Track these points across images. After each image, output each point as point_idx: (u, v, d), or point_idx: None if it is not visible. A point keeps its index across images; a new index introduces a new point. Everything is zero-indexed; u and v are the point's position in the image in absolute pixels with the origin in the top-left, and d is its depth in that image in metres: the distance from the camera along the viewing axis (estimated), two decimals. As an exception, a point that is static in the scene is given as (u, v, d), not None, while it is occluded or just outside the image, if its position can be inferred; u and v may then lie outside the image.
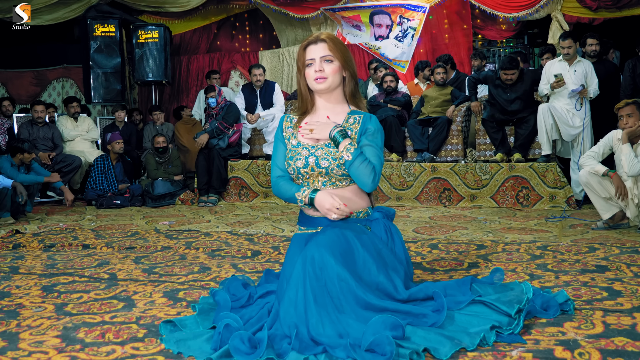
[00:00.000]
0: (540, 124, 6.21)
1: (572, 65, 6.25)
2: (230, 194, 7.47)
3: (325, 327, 2.13)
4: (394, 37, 9.51)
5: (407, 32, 9.41)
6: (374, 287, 2.30)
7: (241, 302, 2.59)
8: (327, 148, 2.53)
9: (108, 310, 2.77)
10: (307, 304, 2.16)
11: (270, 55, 10.28)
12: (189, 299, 2.94)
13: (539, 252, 3.82)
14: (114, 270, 3.68)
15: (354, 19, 9.61)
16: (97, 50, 9.48)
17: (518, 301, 2.33)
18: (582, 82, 6.19)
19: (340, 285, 2.20)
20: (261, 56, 10.35)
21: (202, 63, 10.61)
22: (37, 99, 10.47)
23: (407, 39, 9.41)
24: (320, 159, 2.53)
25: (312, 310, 2.15)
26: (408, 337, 2.12)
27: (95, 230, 5.34)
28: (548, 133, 6.19)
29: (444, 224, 5.20)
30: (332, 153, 2.52)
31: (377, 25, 9.61)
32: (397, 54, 9.49)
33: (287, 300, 2.21)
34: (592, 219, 5.08)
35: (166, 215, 6.33)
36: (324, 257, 2.22)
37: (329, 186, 2.55)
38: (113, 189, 7.45)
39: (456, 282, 2.54)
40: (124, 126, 8.71)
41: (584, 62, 6.28)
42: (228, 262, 3.83)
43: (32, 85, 11.39)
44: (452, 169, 6.53)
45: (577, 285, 2.95)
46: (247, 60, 10.37)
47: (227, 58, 10.54)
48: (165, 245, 4.46)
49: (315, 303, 2.15)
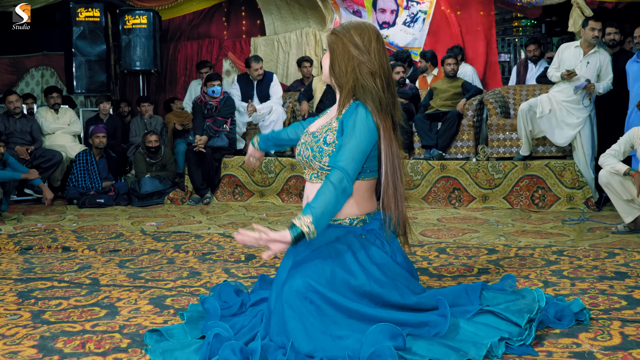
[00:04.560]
0: (519, 124, 6.29)
1: (586, 56, 6.13)
2: (223, 192, 7.48)
3: (322, 338, 2.14)
4: (402, 22, 9.46)
5: (418, 16, 9.35)
6: (369, 297, 2.31)
7: (233, 310, 2.60)
8: (312, 137, 2.50)
9: (89, 318, 2.78)
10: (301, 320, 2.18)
11: (265, 42, 10.18)
12: (177, 306, 2.96)
13: (554, 257, 3.83)
14: (96, 275, 3.69)
15: (355, 2, 9.50)
16: (81, 37, 9.47)
17: (529, 310, 2.35)
18: (593, 76, 6.07)
19: (330, 307, 2.22)
20: (254, 43, 10.25)
21: (190, 51, 10.56)
22: (12, 88, 10.44)
23: (418, 23, 9.34)
24: (306, 147, 2.50)
25: (308, 322, 2.17)
26: (409, 348, 2.13)
27: (76, 232, 5.35)
28: (527, 135, 6.28)
29: (453, 227, 5.22)
30: (310, 142, 2.48)
31: (380, 10, 9.55)
32: (408, 40, 9.38)
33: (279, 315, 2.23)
34: (613, 222, 5.09)
35: (154, 216, 6.34)
36: (309, 286, 2.23)
37: (315, 179, 2.50)
38: (96, 187, 7.46)
39: (465, 288, 2.56)
40: (108, 119, 8.71)
41: (601, 54, 6.14)
42: (220, 267, 3.84)
43: (7, 74, 11.33)
44: (462, 167, 6.54)
45: (594, 293, 2.96)
46: (239, 48, 10.31)
47: (218, 45, 10.50)
48: (152, 248, 4.47)
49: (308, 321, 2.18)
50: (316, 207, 2.23)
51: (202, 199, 7.28)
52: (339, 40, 2.44)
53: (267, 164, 7.26)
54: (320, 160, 2.43)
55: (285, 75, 9.92)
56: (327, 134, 2.43)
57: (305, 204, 2.53)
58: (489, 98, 6.98)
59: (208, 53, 10.42)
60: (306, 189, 2.56)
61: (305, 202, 2.54)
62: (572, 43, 6.35)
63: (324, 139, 2.43)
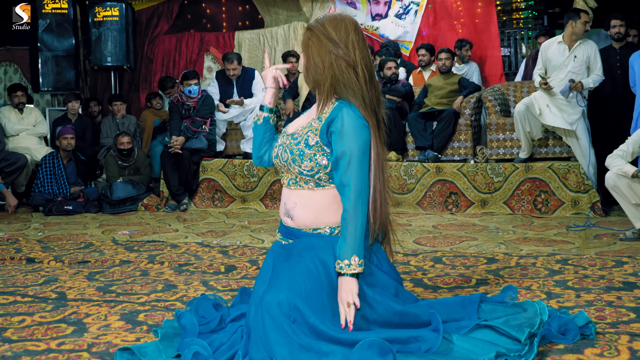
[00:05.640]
0: (516, 125, 6.34)
1: (572, 50, 6.16)
2: (202, 198, 7.46)
3: (306, 355, 2.13)
4: (394, 14, 9.51)
5: (409, 7, 9.41)
6: None
7: (211, 326, 2.59)
8: (290, 138, 2.47)
9: (55, 335, 2.76)
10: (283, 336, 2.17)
11: (250, 36, 10.21)
12: (151, 322, 2.94)
13: (558, 266, 3.84)
14: (63, 288, 3.66)
15: None
16: (47, 30, 9.42)
17: (530, 325, 2.35)
18: (582, 69, 6.12)
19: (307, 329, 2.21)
20: (238, 37, 10.26)
21: (168, 45, 10.51)
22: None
23: (410, 15, 9.41)
24: (284, 149, 2.47)
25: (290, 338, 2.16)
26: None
27: (42, 241, 5.32)
28: (526, 136, 6.32)
29: (450, 234, 5.22)
30: (289, 144, 2.45)
31: (374, 1, 9.62)
32: (400, 33, 9.45)
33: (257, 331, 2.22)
34: (621, 228, 5.12)
35: (126, 224, 6.31)
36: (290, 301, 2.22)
37: (294, 185, 2.48)
38: (64, 193, 7.42)
39: (462, 300, 2.56)
40: (77, 119, 8.66)
41: (587, 44, 6.17)
42: (197, 279, 3.83)
43: (-36, 70, 11.28)
44: (459, 169, 6.56)
45: (600, 305, 2.97)
46: (222, 42, 10.30)
47: (199, 39, 10.47)
48: (124, 259, 4.45)
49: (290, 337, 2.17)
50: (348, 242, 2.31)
51: (179, 206, 7.25)
52: (313, 36, 2.42)
53: (250, 167, 7.25)
54: (301, 165, 2.40)
55: (270, 71, 9.88)
56: (307, 136, 2.40)
57: (282, 211, 2.53)
58: (487, 95, 7.01)
59: (188, 48, 10.38)
60: (283, 195, 2.55)
61: (282, 209, 2.53)
62: (554, 39, 6.35)
63: (305, 141, 2.40)
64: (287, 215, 2.50)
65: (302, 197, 2.46)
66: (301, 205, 2.46)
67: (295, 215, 2.47)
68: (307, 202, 2.45)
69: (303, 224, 2.47)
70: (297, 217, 2.47)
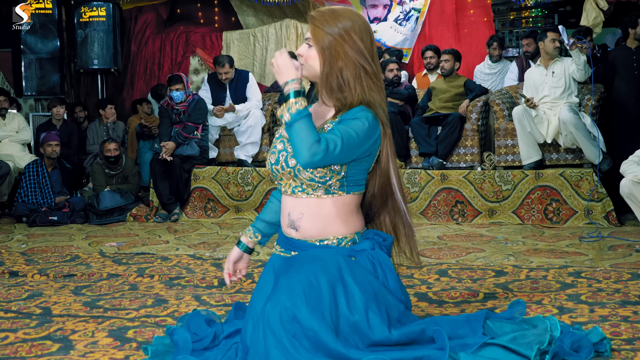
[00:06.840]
0: (517, 130, 6.48)
1: (549, 67, 6.57)
2: (194, 208, 7.45)
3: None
4: (394, 19, 9.51)
5: (410, 14, 9.41)
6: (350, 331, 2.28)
7: (204, 344, 2.59)
8: None
9: (40, 353, 2.76)
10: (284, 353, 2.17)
11: (239, 36, 10.14)
12: (140, 339, 2.94)
13: (570, 279, 3.84)
14: (48, 303, 3.66)
15: (340, 1, 9.49)
16: (30, 31, 9.44)
17: (539, 341, 2.35)
18: (562, 83, 6.45)
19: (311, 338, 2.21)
20: (226, 38, 10.19)
21: (152, 47, 10.46)
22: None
23: (410, 22, 9.40)
24: (290, 155, 2.43)
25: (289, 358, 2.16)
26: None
27: (25, 254, 5.32)
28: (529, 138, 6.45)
29: (456, 245, 5.23)
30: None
31: (371, 6, 9.62)
32: (398, 40, 9.44)
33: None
34: (637, 239, 5.12)
35: (114, 235, 6.31)
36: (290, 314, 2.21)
37: (300, 193, 2.45)
38: (48, 203, 7.42)
39: (467, 317, 2.55)
40: (62, 125, 8.66)
41: (562, 60, 6.53)
42: (189, 293, 3.83)
43: (-59, 74, 11.29)
44: (465, 177, 6.56)
45: (615, 320, 2.97)
46: (209, 43, 10.25)
47: (184, 40, 10.41)
48: (112, 273, 4.45)
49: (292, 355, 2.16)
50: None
51: (170, 216, 7.25)
52: (338, 45, 2.39)
53: (244, 175, 7.26)
54: (313, 171, 2.38)
55: (263, 74, 9.79)
56: None
57: (285, 223, 2.52)
58: (495, 99, 7.02)
59: (173, 49, 10.36)
60: (285, 205, 2.53)
61: (286, 220, 2.52)
62: (533, 67, 6.88)
63: None
64: (291, 227, 2.49)
65: (309, 206, 2.46)
66: (308, 215, 2.45)
67: (302, 226, 2.47)
68: (315, 212, 2.45)
69: (310, 235, 2.47)
70: (304, 228, 2.47)
